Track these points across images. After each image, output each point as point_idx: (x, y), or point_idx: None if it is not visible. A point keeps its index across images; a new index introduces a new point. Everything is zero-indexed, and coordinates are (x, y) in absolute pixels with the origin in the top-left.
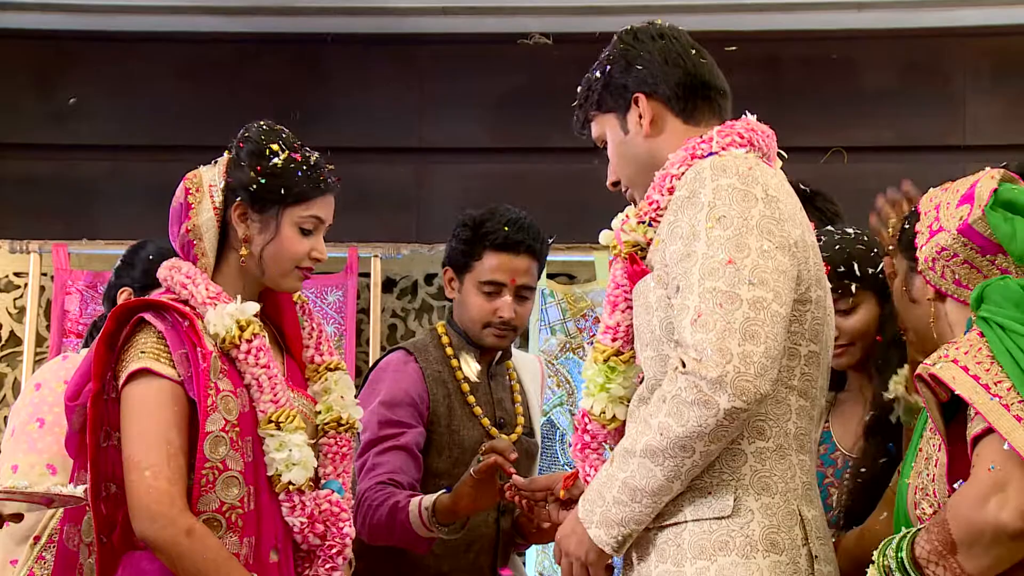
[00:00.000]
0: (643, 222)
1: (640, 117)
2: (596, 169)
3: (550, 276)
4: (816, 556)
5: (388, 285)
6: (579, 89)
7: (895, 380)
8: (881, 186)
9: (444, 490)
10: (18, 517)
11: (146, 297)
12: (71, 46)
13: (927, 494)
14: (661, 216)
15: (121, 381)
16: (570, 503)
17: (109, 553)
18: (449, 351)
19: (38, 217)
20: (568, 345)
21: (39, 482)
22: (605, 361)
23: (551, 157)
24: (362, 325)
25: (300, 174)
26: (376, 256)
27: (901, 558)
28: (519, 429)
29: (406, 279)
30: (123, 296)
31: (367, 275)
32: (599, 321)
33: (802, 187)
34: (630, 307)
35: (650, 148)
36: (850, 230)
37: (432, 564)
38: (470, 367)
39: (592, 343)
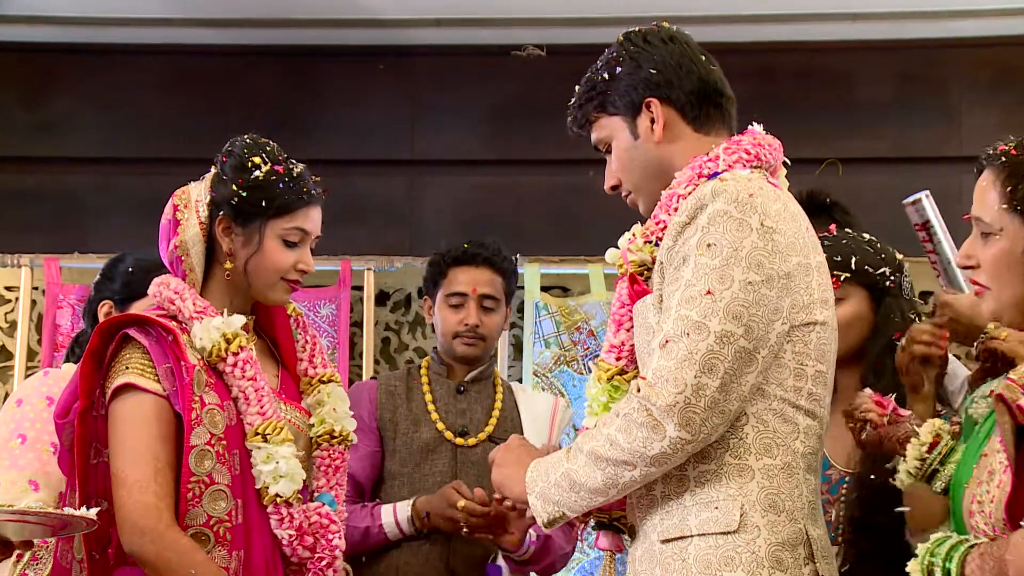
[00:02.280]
0: (649, 242)
1: (652, 122)
2: (590, 181)
3: (544, 289)
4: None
5: (381, 298)
6: (579, 88)
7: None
8: (877, 197)
9: (412, 501)
10: (28, 545)
11: (131, 312)
12: (59, 59)
13: (983, 510)
14: None
15: (108, 397)
16: None
17: (101, 570)
18: (423, 371)
19: (27, 230)
20: (562, 358)
21: (21, 499)
22: (609, 380)
23: (545, 169)
24: (355, 338)
25: (282, 186)
26: (369, 269)
27: (948, 568)
28: (482, 435)
29: (399, 292)
30: (104, 310)
31: (360, 288)
32: (593, 334)
33: (823, 198)
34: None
35: (661, 155)
36: (866, 235)
37: (396, 555)
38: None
39: (586, 355)
